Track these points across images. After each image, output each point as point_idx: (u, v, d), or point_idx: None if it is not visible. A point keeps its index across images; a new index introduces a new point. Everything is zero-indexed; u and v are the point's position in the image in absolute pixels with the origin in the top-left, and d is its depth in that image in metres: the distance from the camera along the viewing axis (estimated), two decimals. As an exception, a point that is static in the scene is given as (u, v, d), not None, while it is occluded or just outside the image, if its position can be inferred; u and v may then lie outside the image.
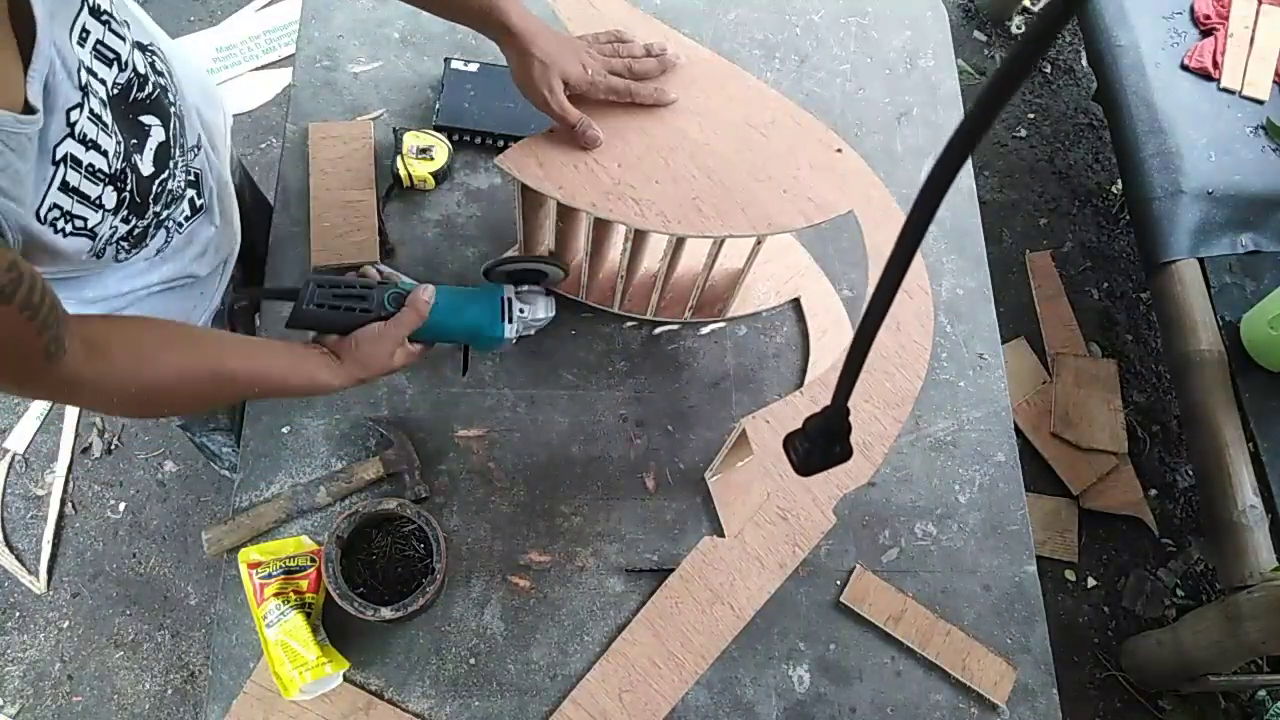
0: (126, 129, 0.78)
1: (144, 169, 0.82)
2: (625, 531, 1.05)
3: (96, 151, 0.73)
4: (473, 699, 0.97)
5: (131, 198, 0.80)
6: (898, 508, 1.09)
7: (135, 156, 0.80)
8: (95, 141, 0.72)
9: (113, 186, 0.76)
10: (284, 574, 0.96)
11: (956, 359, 1.17)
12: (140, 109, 0.81)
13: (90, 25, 0.72)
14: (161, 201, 0.87)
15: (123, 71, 0.77)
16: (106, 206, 0.76)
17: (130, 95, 0.79)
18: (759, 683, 1.00)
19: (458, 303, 0.95)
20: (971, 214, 1.26)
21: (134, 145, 0.80)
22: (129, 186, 0.79)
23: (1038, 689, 1.03)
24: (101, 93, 0.73)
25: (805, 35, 1.36)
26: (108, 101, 0.74)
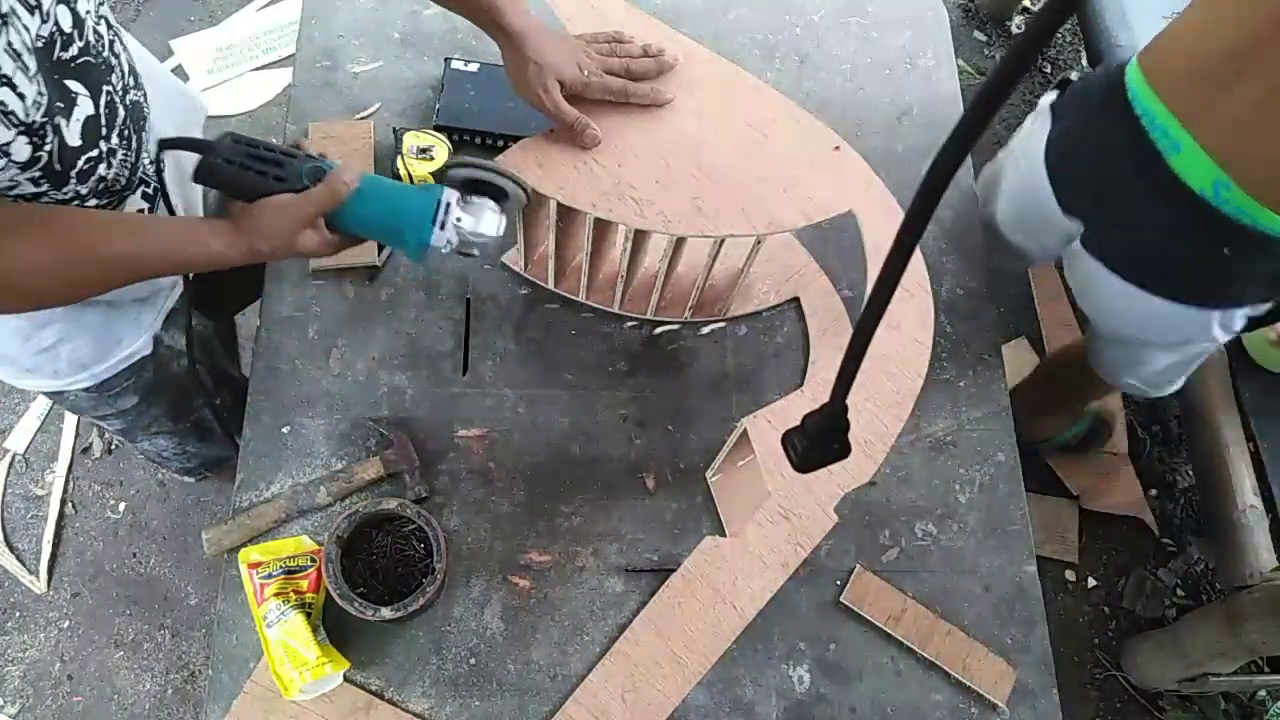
0: (51, 88, 0.73)
1: (69, 138, 0.76)
2: (625, 531, 1.05)
3: (10, 90, 0.67)
4: (473, 699, 0.97)
5: (50, 161, 0.75)
6: (898, 508, 1.09)
7: (59, 120, 0.74)
8: (10, 79, 0.67)
9: (26, 138, 0.71)
10: (284, 574, 0.96)
11: (956, 359, 1.17)
12: (65, 71, 0.75)
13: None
14: (87, 183, 0.81)
15: (45, 24, 0.71)
16: (15, 158, 0.71)
17: (54, 53, 0.73)
18: (759, 683, 1.00)
19: (385, 193, 0.85)
20: (972, 214, 1.26)
21: (59, 108, 0.74)
22: (48, 148, 0.74)
23: (1038, 689, 1.03)
24: (25, 37, 0.68)
25: (805, 35, 1.36)
26: (32, 50, 0.70)
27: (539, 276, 1.15)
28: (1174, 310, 1.11)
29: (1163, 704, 1.87)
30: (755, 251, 1.01)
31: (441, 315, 1.13)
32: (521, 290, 1.16)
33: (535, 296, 1.16)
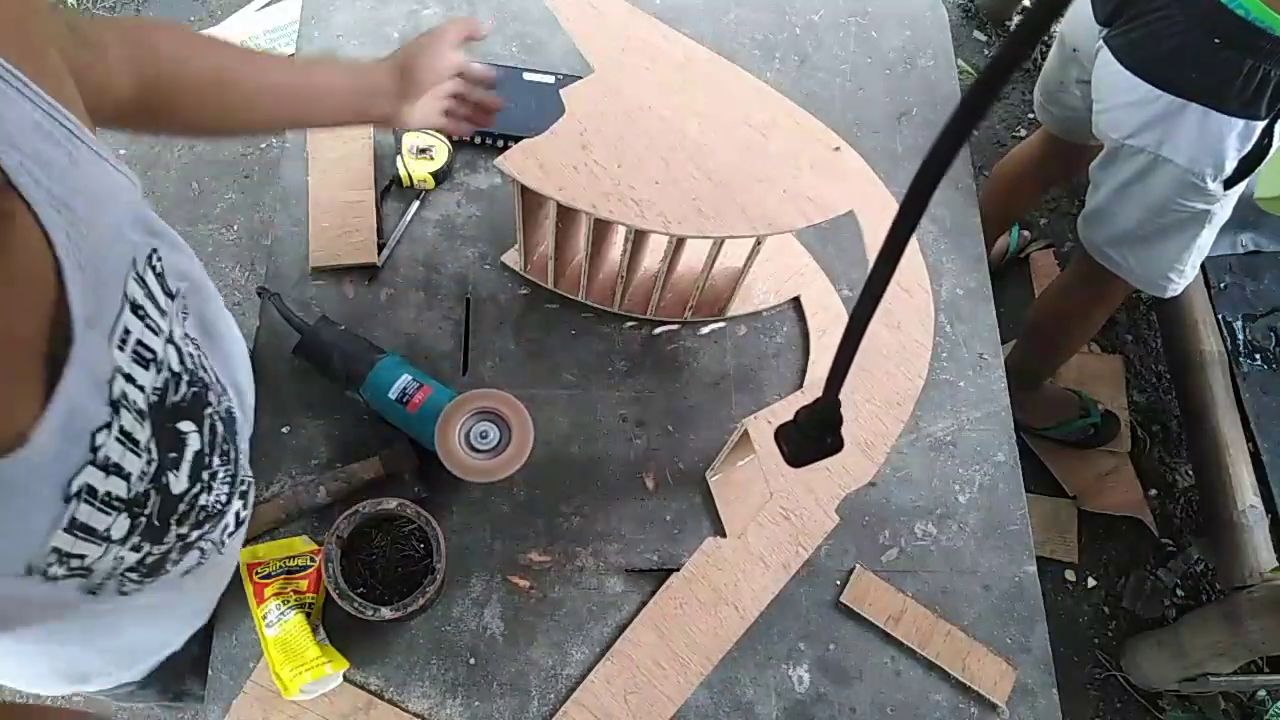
0: (164, 441, 0.64)
1: (175, 486, 0.67)
2: (625, 531, 1.05)
3: (118, 477, 0.58)
4: (473, 699, 0.97)
5: (148, 523, 0.64)
6: (898, 508, 1.09)
7: (168, 474, 0.65)
8: (119, 465, 0.58)
9: (127, 514, 0.60)
10: (284, 574, 0.96)
11: (956, 359, 1.17)
12: (177, 414, 0.66)
13: (130, 324, 0.58)
14: (189, 521, 0.71)
15: (159, 373, 0.63)
16: (114, 537, 0.60)
17: (166, 400, 0.64)
18: (759, 683, 1.00)
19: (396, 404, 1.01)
20: (971, 214, 1.26)
21: (171, 459, 0.65)
22: (148, 510, 0.63)
23: (1038, 689, 1.03)
24: (140, 402, 0.60)
25: (805, 35, 1.36)
26: (147, 411, 0.61)
27: (539, 276, 1.15)
28: (1181, 118, 1.24)
29: (1163, 704, 1.87)
30: (755, 252, 1.01)
31: (441, 315, 1.13)
32: (521, 290, 1.16)
33: (535, 296, 1.16)
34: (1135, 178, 1.35)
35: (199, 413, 0.70)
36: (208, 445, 0.72)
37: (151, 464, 0.62)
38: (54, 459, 0.52)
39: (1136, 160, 1.33)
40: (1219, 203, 1.32)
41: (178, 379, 0.66)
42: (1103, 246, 1.48)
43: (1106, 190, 1.42)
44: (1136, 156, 1.33)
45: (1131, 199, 1.38)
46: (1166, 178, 1.30)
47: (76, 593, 0.62)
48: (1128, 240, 1.43)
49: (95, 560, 0.59)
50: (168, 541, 0.69)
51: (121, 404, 0.57)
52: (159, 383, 0.62)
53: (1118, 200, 1.40)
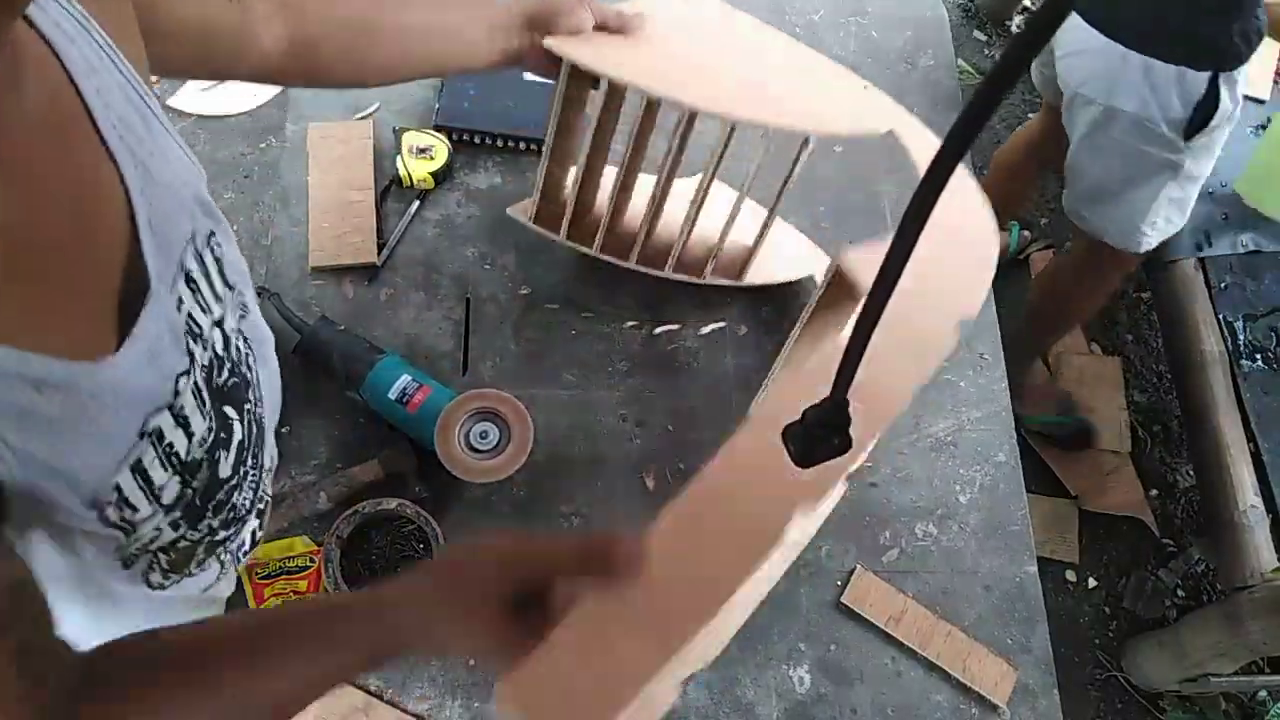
0: (218, 417, 0.66)
1: (223, 469, 0.68)
2: (625, 531, 1.04)
3: (184, 433, 0.59)
4: (472, 699, 0.97)
5: (193, 498, 0.64)
6: (898, 508, 1.09)
7: (221, 452, 0.67)
8: (187, 420, 0.59)
9: (179, 478, 0.61)
10: (284, 574, 0.96)
11: (957, 359, 1.17)
12: (222, 398, 0.67)
13: (184, 293, 0.60)
14: (222, 515, 0.71)
15: (205, 350, 0.63)
16: (163, 500, 0.60)
17: (212, 379, 0.65)
18: (759, 683, 1.00)
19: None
20: (972, 214, 1.26)
21: (223, 439, 0.67)
22: (196, 484, 0.64)
23: (1038, 689, 1.03)
24: (198, 371, 0.62)
25: (805, 35, 1.36)
26: (204, 383, 0.63)
27: (549, 228, 1.10)
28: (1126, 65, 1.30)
29: (1163, 704, 1.87)
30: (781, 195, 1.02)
31: (441, 315, 1.13)
32: (521, 290, 1.16)
33: (535, 296, 1.16)
34: (1094, 128, 1.39)
35: (240, 404, 0.71)
36: (247, 439, 0.72)
37: (211, 432, 0.64)
38: (139, 386, 0.54)
39: (1091, 110, 1.39)
40: (1184, 154, 1.36)
41: (221, 364, 0.67)
42: (1077, 208, 1.53)
43: (1074, 144, 1.47)
44: (1090, 106, 1.38)
45: (1095, 151, 1.42)
46: (1122, 125, 1.36)
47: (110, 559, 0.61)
48: (1099, 196, 1.48)
49: (142, 519, 0.59)
50: (200, 530, 0.69)
51: (194, 357, 0.60)
52: (205, 360, 0.64)
53: (1083, 153, 1.45)
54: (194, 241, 0.62)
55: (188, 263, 0.61)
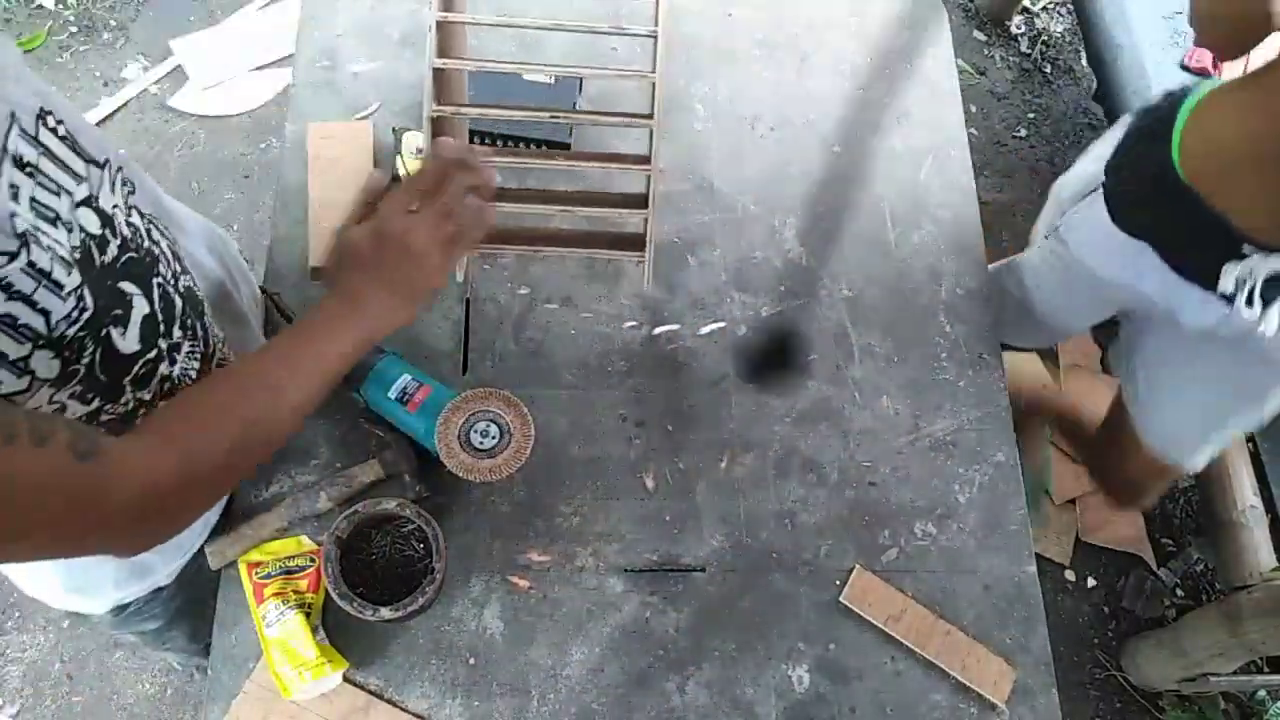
0: (103, 295, 0.68)
1: (122, 345, 0.71)
2: (625, 531, 1.05)
3: (29, 308, 0.61)
4: (472, 699, 0.97)
5: (89, 373, 0.68)
6: (897, 508, 1.09)
7: (110, 329, 0.69)
8: (29, 297, 0.61)
9: (51, 352, 0.64)
10: (283, 574, 0.96)
11: (956, 359, 1.17)
12: (113, 275, 0.70)
13: (18, 179, 0.61)
14: (149, 388, 0.75)
15: (71, 232, 0.65)
16: (38, 374, 0.63)
17: (94, 259, 0.68)
18: (758, 682, 1.00)
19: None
20: (971, 214, 1.26)
21: (116, 316, 0.70)
22: (85, 359, 0.67)
23: (1037, 689, 1.03)
24: (60, 250, 0.63)
25: (805, 35, 1.36)
26: (72, 262, 0.64)
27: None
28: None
29: (1162, 704, 1.87)
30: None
31: (441, 315, 1.13)
32: (521, 290, 1.16)
33: (535, 296, 1.16)
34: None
35: (143, 278, 0.74)
36: (161, 314, 0.76)
37: (83, 311, 0.65)
38: None
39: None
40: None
41: (102, 242, 0.69)
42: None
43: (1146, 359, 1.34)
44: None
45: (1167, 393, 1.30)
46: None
47: None
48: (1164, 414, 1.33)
49: (19, 394, 0.63)
50: (125, 402, 0.74)
51: (31, 240, 0.60)
52: (75, 241, 0.66)
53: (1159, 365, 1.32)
54: (16, 122, 0.61)
55: (16, 147, 0.61)
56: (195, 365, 0.82)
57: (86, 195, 0.68)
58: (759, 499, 1.08)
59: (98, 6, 2.41)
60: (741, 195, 1.24)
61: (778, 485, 1.09)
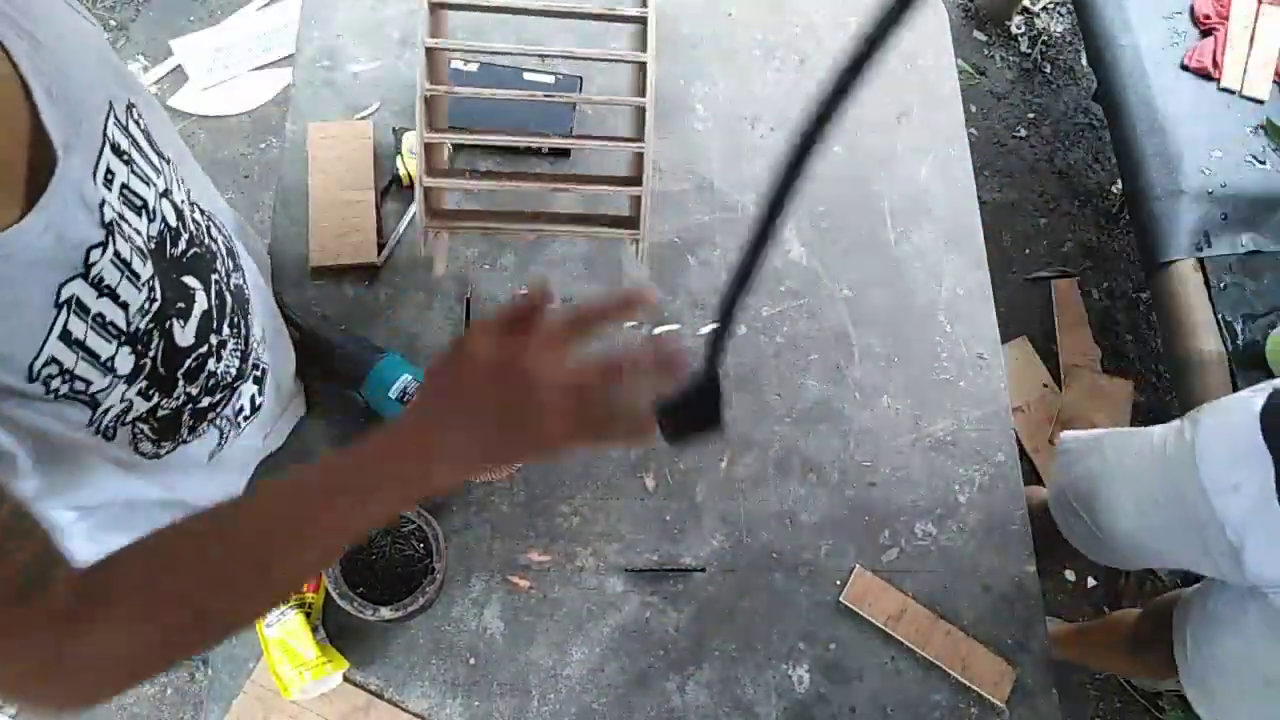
0: (170, 288, 0.67)
1: (181, 338, 0.69)
2: (625, 531, 1.05)
3: (113, 302, 0.60)
4: (473, 699, 0.97)
5: (153, 367, 0.67)
6: (897, 508, 1.09)
7: (174, 321, 0.68)
8: (114, 290, 0.60)
9: (129, 348, 0.63)
10: (284, 574, 0.96)
11: (956, 359, 1.17)
12: (180, 268, 0.69)
13: (115, 166, 0.60)
14: (197, 383, 0.73)
15: (152, 222, 0.65)
16: (119, 371, 0.62)
17: (166, 250, 0.67)
18: (759, 682, 1.00)
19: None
20: (971, 213, 1.26)
21: (179, 309, 0.69)
22: (152, 353, 0.66)
23: (1037, 688, 1.03)
24: (138, 240, 0.62)
25: (805, 35, 1.36)
26: (147, 253, 0.64)
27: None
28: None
29: (1162, 703, 1.87)
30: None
31: (441, 315, 1.13)
32: (521, 290, 1.16)
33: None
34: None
35: (204, 274, 0.73)
36: (215, 309, 0.74)
37: (154, 303, 0.64)
38: (42, 259, 0.54)
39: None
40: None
41: (175, 234, 0.68)
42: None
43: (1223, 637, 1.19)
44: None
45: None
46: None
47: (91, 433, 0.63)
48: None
49: (101, 391, 0.61)
50: (177, 397, 0.71)
51: (116, 230, 0.59)
52: (154, 231, 0.65)
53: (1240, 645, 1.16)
54: (114, 110, 0.62)
55: (114, 135, 0.61)
56: (235, 364, 0.80)
57: (165, 188, 0.68)
58: (759, 499, 1.08)
59: (98, 6, 2.41)
60: (741, 195, 1.24)
61: (778, 485, 1.09)
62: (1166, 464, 1.14)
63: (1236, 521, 1.04)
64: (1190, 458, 1.09)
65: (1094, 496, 1.28)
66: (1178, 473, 1.12)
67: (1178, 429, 1.16)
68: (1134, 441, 1.23)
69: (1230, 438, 1.07)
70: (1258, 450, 1.01)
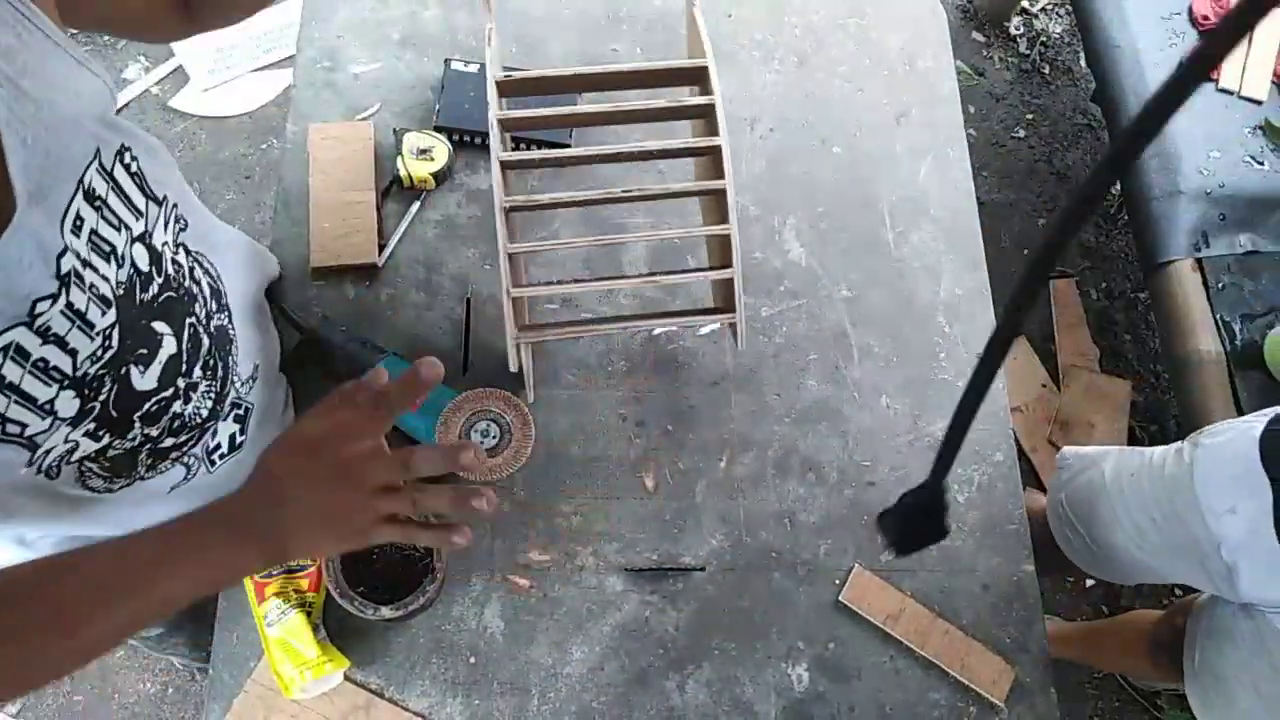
0: (134, 335, 0.67)
1: (139, 383, 0.69)
2: (625, 531, 1.05)
3: (60, 349, 0.60)
4: (473, 698, 0.97)
5: (104, 410, 0.66)
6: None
7: (131, 367, 0.67)
8: (62, 338, 0.60)
9: (74, 392, 0.62)
10: (284, 573, 0.97)
11: (955, 359, 1.18)
12: (149, 313, 0.69)
13: (85, 212, 0.60)
14: (159, 425, 0.73)
15: (121, 268, 0.65)
16: (61, 414, 0.62)
17: (135, 296, 0.66)
18: (758, 682, 1.00)
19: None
20: (970, 214, 1.27)
21: (140, 355, 0.68)
22: (102, 397, 0.65)
23: (1036, 688, 1.03)
24: (104, 289, 0.62)
25: (805, 36, 1.36)
26: (112, 300, 0.63)
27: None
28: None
29: (1161, 703, 1.87)
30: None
31: (441, 315, 1.14)
32: (521, 290, 1.16)
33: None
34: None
35: (178, 318, 0.72)
36: (187, 352, 0.73)
37: (108, 350, 0.64)
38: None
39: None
40: None
41: (146, 279, 0.67)
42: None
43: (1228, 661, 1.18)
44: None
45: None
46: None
47: (31, 473, 0.63)
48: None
49: (41, 434, 0.61)
50: (133, 438, 0.70)
51: (73, 282, 0.59)
52: (122, 277, 0.64)
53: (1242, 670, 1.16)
54: (99, 158, 0.61)
55: (92, 183, 0.61)
56: (208, 405, 0.80)
57: (143, 231, 0.67)
58: (759, 498, 1.08)
59: (98, 7, 2.41)
60: (741, 195, 1.24)
61: (777, 485, 1.09)
62: (1165, 484, 1.15)
63: (1232, 544, 1.06)
64: (1189, 479, 1.11)
65: (1091, 513, 1.29)
66: (1175, 493, 1.13)
67: (1177, 450, 1.17)
68: (1133, 460, 1.24)
69: (1229, 461, 1.08)
70: (1256, 475, 1.03)
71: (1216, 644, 1.20)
